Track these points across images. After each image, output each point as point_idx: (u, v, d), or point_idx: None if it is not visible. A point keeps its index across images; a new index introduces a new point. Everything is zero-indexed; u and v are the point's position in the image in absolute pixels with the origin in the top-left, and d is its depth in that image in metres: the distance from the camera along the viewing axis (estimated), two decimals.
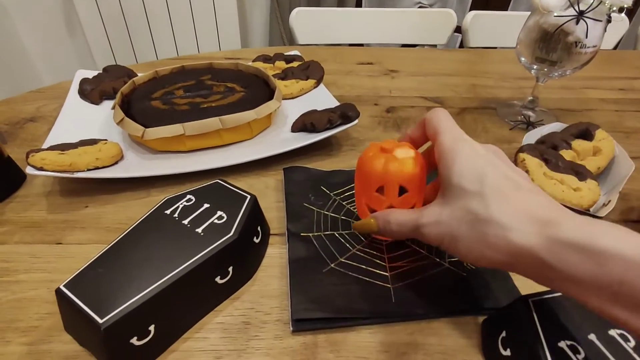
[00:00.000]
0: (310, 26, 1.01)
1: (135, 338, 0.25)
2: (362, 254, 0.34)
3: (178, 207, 0.32)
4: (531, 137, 0.44)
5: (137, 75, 0.60)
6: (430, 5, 1.71)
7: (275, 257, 0.35)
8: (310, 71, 0.59)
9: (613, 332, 0.23)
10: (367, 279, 0.32)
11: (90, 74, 0.57)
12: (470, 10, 1.73)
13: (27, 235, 0.36)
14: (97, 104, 0.53)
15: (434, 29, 1.03)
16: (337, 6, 1.52)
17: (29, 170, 0.37)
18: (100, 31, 1.44)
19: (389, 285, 0.32)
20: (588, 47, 0.46)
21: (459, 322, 0.29)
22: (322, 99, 0.55)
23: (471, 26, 1.00)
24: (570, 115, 0.59)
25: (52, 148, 0.40)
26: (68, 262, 0.33)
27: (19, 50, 1.48)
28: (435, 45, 1.06)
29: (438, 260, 0.34)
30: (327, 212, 0.38)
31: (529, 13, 0.50)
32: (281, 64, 0.62)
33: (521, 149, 0.39)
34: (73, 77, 0.56)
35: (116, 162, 0.42)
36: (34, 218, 0.38)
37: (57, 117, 0.48)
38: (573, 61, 0.48)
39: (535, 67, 0.51)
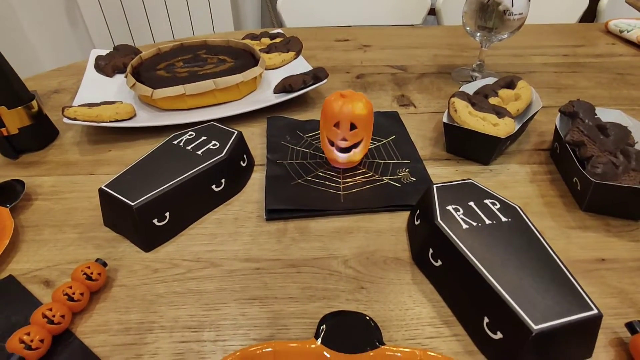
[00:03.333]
0: (296, 11, 1.10)
1: (156, 220, 0.35)
2: (323, 175, 0.45)
3: (182, 139, 0.42)
4: (467, 88, 0.53)
5: (142, 52, 0.70)
6: None
7: (258, 179, 0.45)
8: (290, 45, 0.69)
9: (487, 201, 0.33)
10: (325, 189, 0.42)
11: (104, 52, 0.67)
12: None
13: (66, 169, 0.46)
14: (110, 76, 0.63)
15: (409, 10, 1.12)
16: None
17: (64, 120, 0.47)
18: (99, 19, 1.53)
19: (340, 193, 0.42)
20: (516, 15, 0.56)
21: (392, 215, 0.40)
22: (300, 68, 0.65)
23: (443, 7, 1.09)
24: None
25: (80, 105, 0.50)
26: (100, 185, 0.44)
27: (22, 40, 1.58)
28: (412, 25, 1.15)
29: (381, 177, 0.44)
30: (299, 148, 0.49)
31: None
32: (266, 41, 0.72)
33: (453, 95, 0.49)
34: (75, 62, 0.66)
35: (131, 118, 0.52)
36: (69, 160, 0.48)
37: (79, 87, 0.58)
38: (506, 27, 0.58)
39: (478, 34, 0.61)
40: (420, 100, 0.61)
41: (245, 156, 0.44)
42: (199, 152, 0.40)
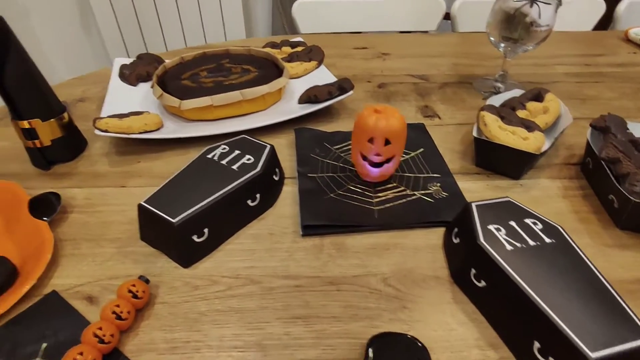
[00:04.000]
0: (310, 17, 1.10)
1: (195, 236, 0.35)
2: (354, 189, 0.45)
3: (216, 153, 0.42)
4: (494, 100, 0.53)
5: (164, 61, 0.70)
6: None
7: (289, 192, 0.45)
8: (312, 54, 0.69)
9: (528, 221, 0.33)
10: (358, 204, 0.43)
11: (127, 60, 0.67)
12: None
13: (97, 181, 0.46)
14: (134, 85, 0.63)
15: (424, 16, 1.12)
16: None
17: (96, 132, 0.47)
18: (113, 26, 1.54)
19: (374, 208, 0.42)
20: (542, 27, 0.56)
21: (427, 231, 0.40)
22: (323, 77, 0.65)
23: (459, 12, 1.09)
24: (537, 86, 0.68)
25: (109, 116, 0.50)
26: (133, 198, 0.44)
27: (36, 47, 1.59)
28: (426, 32, 1.15)
29: (412, 192, 0.44)
30: (328, 161, 0.49)
31: None
32: (287, 49, 0.72)
33: (482, 108, 0.49)
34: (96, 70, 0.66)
35: (158, 129, 0.52)
36: (99, 171, 0.48)
37: (105, 96, 0.58)
38: (532, 38, 0.58)
39: (502, 45, 0.61)
40: (444, 111, 0.61)
41: (277, 170, 0.44)
42: (235, 167, 0.40)
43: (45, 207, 0.41)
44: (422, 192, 0.44)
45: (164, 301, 0.33)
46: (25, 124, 0.44)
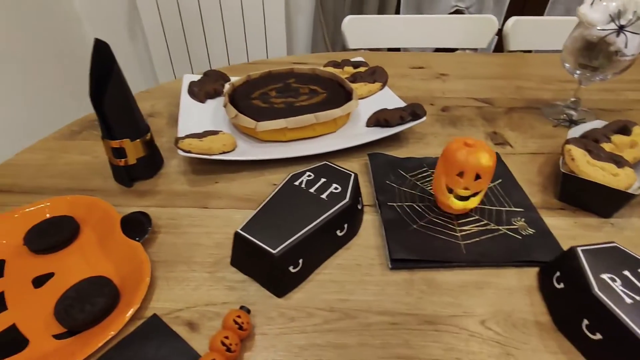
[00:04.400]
0: (360, 32, 1.11)
1: (291, 266, 0.36)
2: (436, 220, 0.44)
3: (303, 180, 0.42)
4: (575, 132, 0.52)
5: (230, 79, 0.71)
6: (467, 8, 1.77)
7: (369, 221, 0.45)
8: (376, 75, 0.69)
9: None
10: (443, 237, 0.42)
11: (196, 77, 0.69)
12: (507, 12, 1.79)
13: (179, 200, 0.47)
14: (202, 102, 0.65)
15: (476, 33, 1.11)
16: (378, 9, 1.61)
17: (179, 152, 0.48)
18: (159, 36, 1.59)
19: (460, 242, 0.41)
20: (627, 56, 0.54)
21: (519, 271, 0.39)
22: (387, 99, 0.65)
23: (512, 30, 1.07)
24: (609, 114, 0.66)
25: (188, 136, 0.52)
26: (216, 221, 0.45)
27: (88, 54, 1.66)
28: (476, 49, 1.13)
29: (497, 227, 0.43)
30: (405, 189, 0.48)
31: (566, 18, 0.58)
32: (349, 69, 0.73)
33: (568, 142, 0.48)
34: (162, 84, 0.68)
35: (234, 149, 0.53)
36: (179, 190, 0.49)
37: (175, 112, 0.60)
38: (613, 67, 0.56)
39: (578, 72, 0.59)
40: (515, 139, 0.60)
41: (359, 198, 0.44)
42: (324, 196, 0.40)
43: (136, 226, 0.42)
44: (507, 227, 0.43)
45: (263, 332, 0.33)
46: (116, 144, 0.46)
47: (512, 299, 0.36)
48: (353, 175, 0.43)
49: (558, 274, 0.35)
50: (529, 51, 1.06)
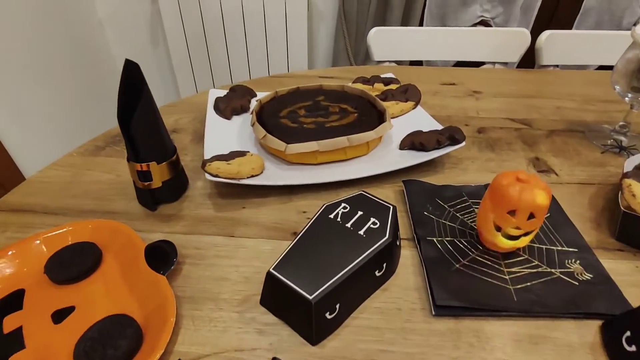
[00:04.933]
0: (386, 44, 1.08)
1: (327, 312, 0.33)
2: (480, 259, 0.41)
3: (338, 213, 0.39)
4: (632, 162, 0.48)
5: (256, 95, 0.69)
6: (493, 19, 1.73)
7: (407, 257, 0.42)
8: (409, 93, 0.66)
9: None
10: (490, 279, 0.38)
11: (221, 92, 0.67)
12: (534, 24, 1.73)
13: (204, 227, 0.45)
14: (228, 119, 0.63)
15: (506, 47, 1.07)
16: (402, 18, 1.58)
17: (207, 176, 0.46)
18: (182, 45, 1.59)
19: (509, 287, 0.38)
20: None
21: (578, 324, 0.35)
22: (421, 119, 0.61)
23: (545, 45, 1.03)
24: None
25: (216, 158, 0.49)
26: (243, 252, 0.42)
27: (110, 59, 1.67)
28: (506, 63, 1.09)
29: (550, 269, 0.39)
30: (444, 221, 0.45)
31: (603, 32, 0.54)
32: (380, 86, 0.70)
33: (626, 175, 0.44)
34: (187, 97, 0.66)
35: (262, 172, 0.51)
36: (204, 215, 0.47)
37: (201, 129, 0.58)
38: None
39: (630, 95, 0.55)
40: (560, 166, 0.56)
41: (398, 233, 0.41)
42: (361, 232, 0.37)
43: (160, 257, 0.40)
44: (561, 270, 0.39)
45: None
46: (142, 167, 0.44)
47: (573, 358, 0.32)
48: (392, 208, 0.40)
49: (628, 334, 0.31)
50: (556, 66, 1.02)
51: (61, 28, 1.39)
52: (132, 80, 0.40)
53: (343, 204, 0.41)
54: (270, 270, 0.34)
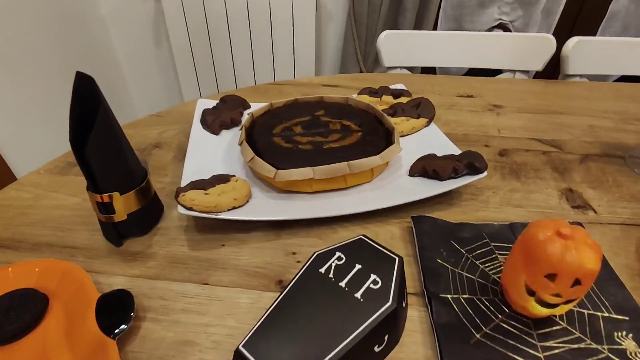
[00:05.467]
0: (397, 49, 1.00)
1: None
2: (507, 327, 0.33)
3: (331, 265, 0.32)
4: None
5: (250, 106, 0.62)
6: (512, 22, 1.63)
7: (415, 320, 0.34)
8: (421, 109, 0.58)
9: None
10: (519, 357, 0.31)
11: (210, 103, 0.60)
12: (555, 28, 1.63)
13: (175, 271, 0.38)
14: (216, 134, 0.56)
15: (530, 54, 0.98)
16: (416, 20, 1.50)
17: (179, 209, 0.39)
18: (185, 43, 1.53)
19: None
20: None
21: None
22: (434, 139, 0.54)
23: (573, 53, 0.94)
24: None
25: (193, 185, 0.42)
26: (217, 305, 0.35)
27: (111, 58, 1.62)
28: (527, 72, 1.00)
29: (595, 345, 0.31)
30: (462, 272, 0.37)
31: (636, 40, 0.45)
32: (389, 99, 0.62)
33: None
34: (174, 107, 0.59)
35: (247, 202, 0.43)
36: (177, 254, 0.40)
37: (184, 144, 0.51)
38: None
39: None
40: (598, 200, 0.47)
41: (405, 291, 0.33)
42: (358, 295, 0.30)
43: (115, 311, 0.33)
44: (609, 346, 0.31)
45: None
46: (102, 198, 0.37)
47: None
48: (397, 260, 0.33)
49: None
50: (577, 75, 0.93)
51: (62, 26, 1.34)
52: (86, 97, 0.34)
53: (338, 253, 0.33)
54: (240, 347, 0.27)
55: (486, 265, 0.38)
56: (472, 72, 1.10)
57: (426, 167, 0.47)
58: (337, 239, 0.41)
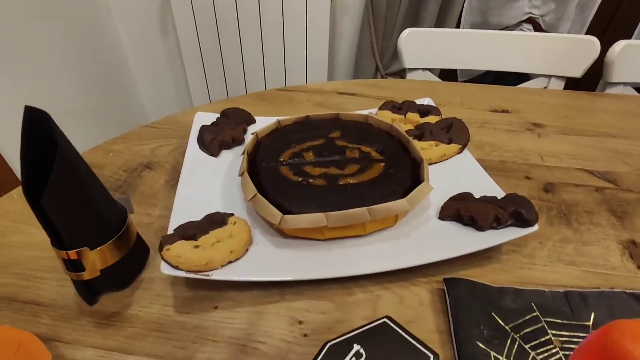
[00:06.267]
0: (419, 48, 0.91)
1: None
2: None
3: None
4: None
5: (255, 121, 0.55)
6: (542, 16, 1.51)
7: None
8: (453, 132, 0.50)
9: None
10: None
11: (209, 118, 0.53)
12: (590, 25, 1.51)
13: (157, 344, 0.31)
14: (215, 155, 0.49)
15: (568, 58, 0.88)
16: (438, 14, 1.39)
17: (163, 268, 0.32)
18: (192, 35, 1.45)
19: None
20: None
21: None
22: (469, 171, 0.46)
23: (619, 59, 0.83)
24: None
25: (181, 232, 0.35)
26: None
27: (117, 48, 1.55)
28: (563, 78, 0.90)
29: None
30: None
31: None
32: (414, 117, 0.54)
33: None
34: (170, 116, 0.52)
35: (245, 252, 0.36)
36: (160, 318, 0.33)
37: (180, 177, 0.44)
38: None
39: None
40: None
41: None
42: None
43: None
44: None
45: None
46: (67, 255, 0.30)
47: None
48: (432, 357, 0.25)
49: None
50: (621, 84, 0.83)
51: (67, 15, 1.26)
52: (40, 136, 0.26)
53: (356, 347, 0.26)
54: None
55: (538, 351, 0.31)
56: (498, 75, 1.00)
57: (461, 212, 0.39)
58: (352, 304, 0.34)
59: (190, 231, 0.35)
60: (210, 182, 0.45)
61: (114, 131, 0.58)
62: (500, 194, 0.41)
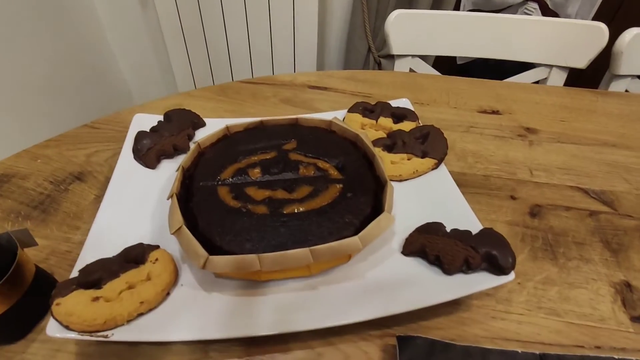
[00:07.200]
0: (409, 33, 0.82)
1: None
2: None
3: None
4: None
5: (205, 124, 0.48)
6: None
7: None
8: (429, 145, 0.43)
9: None
10: None
11: (150, 120, 0.46)
12: (597, 10, 1.39)
13: None
14: (152, 167, 0.42)
15: (572, 47, 0.79)
16: (433, 4, 1.28)
17: (50, 329, 0.26)
18: (184, 56, 1.35)
19: None
20: None
21: None
22: (443, 193, 0.39)
23: (628, 49, 0.75)
24: None
25: (83, 277, 0.29)
26: None
27: (94, 22, 1.44)
28: (566, 68, 0.82)
29: None
30: None
31: None
32: (387, 123, 0.47)
33: None
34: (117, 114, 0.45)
35: (164, 299, 0.31)
36: None
37: (104, 196, 0.38)
38: None
39: None
40: None
41: None
42: None
43: None
44: None
45: None
46: None
47: None
48: None
49: None
50: (629, 76, 0.75)
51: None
52: None
53: None
54: None
55: None
56: (497, 64, 0.92)
57: (427, 249, 0.33)
58: None
59: (96, 274, 0.29)
60: (141, 202, 0.38)
61: (94, 113, 0.50)
62: (475, 226, 0.34)
